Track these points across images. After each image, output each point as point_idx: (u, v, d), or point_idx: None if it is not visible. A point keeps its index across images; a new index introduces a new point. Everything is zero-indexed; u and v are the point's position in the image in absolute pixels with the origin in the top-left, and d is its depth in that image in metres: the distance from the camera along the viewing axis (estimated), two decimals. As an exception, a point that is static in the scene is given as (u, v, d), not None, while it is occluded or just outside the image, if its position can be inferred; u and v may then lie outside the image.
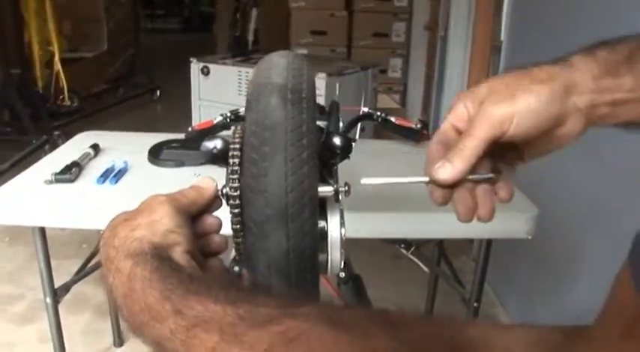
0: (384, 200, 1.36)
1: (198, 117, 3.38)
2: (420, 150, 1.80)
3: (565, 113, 0.54)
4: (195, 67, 3.31)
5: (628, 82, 0.53)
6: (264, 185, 0.48)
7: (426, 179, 0.56)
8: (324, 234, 0.59)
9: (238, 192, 0.52)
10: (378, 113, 1.74)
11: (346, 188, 0.57)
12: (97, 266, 1.87)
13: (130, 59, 6.14)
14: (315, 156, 0.52)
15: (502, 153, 0.58)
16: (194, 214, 0.56)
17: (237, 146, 0.53)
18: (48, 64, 4.68)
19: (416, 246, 1.77)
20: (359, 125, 1.78)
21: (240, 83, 3.20)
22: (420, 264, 2.06)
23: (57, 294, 1.55)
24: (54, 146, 4.11)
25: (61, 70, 4.64)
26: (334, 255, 0.61)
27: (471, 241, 2.67)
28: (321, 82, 2.93)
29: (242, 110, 1.72)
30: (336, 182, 0.58)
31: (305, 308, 0.39)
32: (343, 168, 0.93)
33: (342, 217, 0.62)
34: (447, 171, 0.54)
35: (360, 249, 2.33)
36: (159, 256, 0.47)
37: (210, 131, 1.74)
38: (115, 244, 0.49)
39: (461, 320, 0.32)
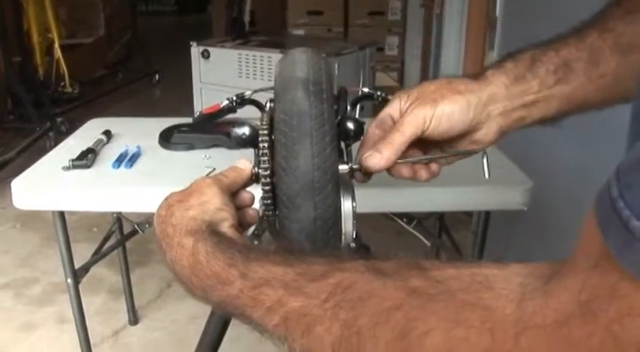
0: (386, 176, 1.43)
1: (199, 100, 3.43)
2: (420, 127, 1.86)
3: (478, 122, 0.67)
4: (195, 50, 3.36)
5: (534, 85, 0.65)
6: (295, 164, 0.56)
7: (355, 166, 0.67)
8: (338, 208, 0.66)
9: (269, 171, 0.59)
10: (378, 93, 1.80)
11: (359, 166, 0.65)
12: (113, 248, 1.95)
13: (128, 43, 6.16)
14: (335, 139, 0.59)
15: (429, 146, 0.72)
16: (234, 192, 0.64)
17: (266, 132, 0.60)
18: (48, 51, 4.71)
19: (417, 220, 1.84)
20: (358, 106, 1.84)
21: (240, 66, 3.25)
22: (422, 238, 2.13)
23: (77, 275, 1.63)
24: (57, 133, 4.18)
25: (61, 57, 4.68)
26: (347, 226, 0.68)
27: (470, 215, 2.74)
28: (320, 62, 2.99)
29: (247, 93, 1.78)
30: (351, 160, 0.65)
31: (350, 263, 0.46)
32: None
33: (353, 192, 0.68)
34: (376, 159, 0.66)
35: (365, 226, 2.40)
36: (214, 232, 0.55)
37: (218, 115, 1.80)
38: (172, 222, 0.56)
39: (474, 262, 0.41)
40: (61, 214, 1.53)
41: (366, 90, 1.97)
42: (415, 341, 0.39)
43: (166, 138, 1.69)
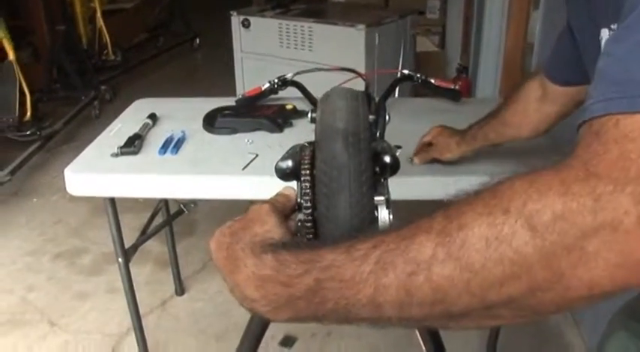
0: (421, 166, 1.49)
1: (241, 70, 3.45)
2: (459, 108, 1.86)
3: (461, 156, 1.46)
4: (235, 20, 3.36)
5: (478, 141, 1.43)
6: (335, 214, 0.60)
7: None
8: (375, 219, 0.69)
9: (310, 210, 0.62)
10: (418, 75, 1.80)
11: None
12: (160, 227, 2.03)
13: (168, 7, 6.18)
14: (372, 187, 0.62)
15: None
16: (285, 216, 0.67)
17: (307, 171, 0.63)
18: (90, 19, 4.77)
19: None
20: (397, 89, 1.84)
21: (281, 35, 3.25)
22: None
23: (127, 254, 1.70)
24: (102, 101, 4.27)
25: (103, 26, 4.73)
26: None
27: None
28: (359, 33, 2.97)
29: (289, 75, 1.81)
30: (387, 192, 0.67)
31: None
32: (388, 127, 1.02)
33: (388, 205, 0.70)
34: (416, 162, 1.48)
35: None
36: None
37: (260, 97, 1.83)
38: (241, 246, 0.59)
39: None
40: (112, 200, 1.59)
41: (406, 72, 1.97)
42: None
43: (210, 123, 1.73)
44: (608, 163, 0.44)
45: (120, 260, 1.70)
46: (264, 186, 1.48)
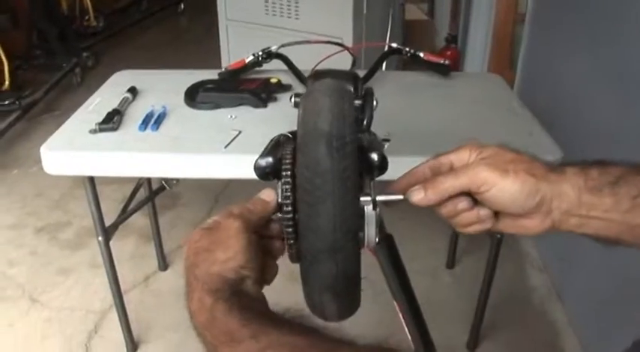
0: (417, 146, 1.40)
1: (225, 38, 3.37)
2: (449, 83, 1.82)
3: (536, 211, 0.62)
4: (219, -15, 3.27)
5: (607, 202, 0.60)
6: (317, 224, 0.55)
7: (401, 197, 0.66)
8: (361, 213, 0.65)
9: (291, 215, 0.58)
10: (407, 49, 1.75)
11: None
12: (143, 203, 1.99)
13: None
14: (358, 195, 0.58)
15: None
16: (262, 224, 0.64)
17: (289, 172, 0.59)
18: (71, -17, 4.63)
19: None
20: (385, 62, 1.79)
21: (266, 2, 3.16)
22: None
23: (108, 232, 1.66)
24: (84, 68, 4.17)
25: (84, -9, 4.60)
26: (370, 231, 0.66)
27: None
28: (347, 1, 2.89)
29: (273, 48, 1.75)
30: (374, 193, 0.63)
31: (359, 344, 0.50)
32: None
33: (375, 207, 0.66)
34: (419, 197, 0.64)
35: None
36: (236, 292, 0.56)
37: (243, 70, 1.78)
38: (196, 275, 0.57)
39: None
40: (91, 178, 1.54)
41: (394, 45, 1.91)
42: None
43: (192, 97, 1.67)
44: None
45: (100, 239, 1.66)
46: (247, 164, 1.43)
